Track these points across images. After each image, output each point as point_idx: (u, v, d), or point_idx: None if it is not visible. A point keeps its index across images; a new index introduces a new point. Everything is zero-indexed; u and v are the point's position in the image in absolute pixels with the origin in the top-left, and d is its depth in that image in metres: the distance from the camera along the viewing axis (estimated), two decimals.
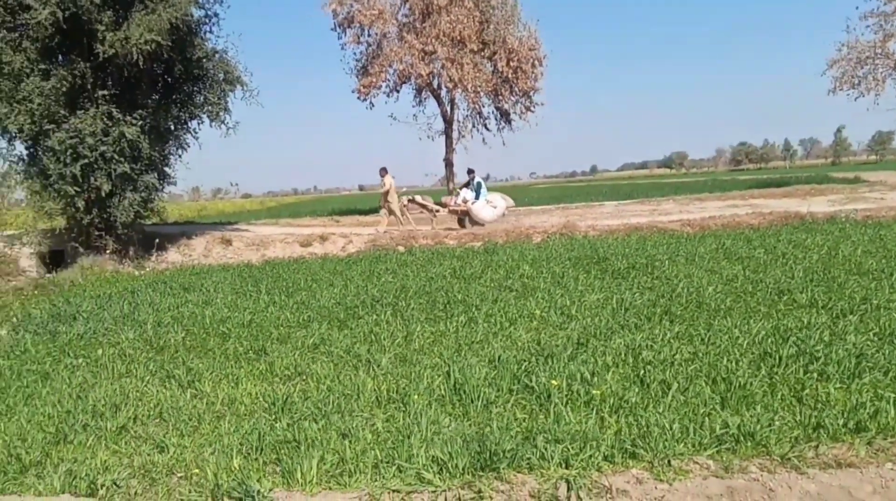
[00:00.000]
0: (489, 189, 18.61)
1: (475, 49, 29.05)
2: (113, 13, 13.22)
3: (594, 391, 4.67)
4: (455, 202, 18.76)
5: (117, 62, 13.41)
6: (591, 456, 3.73)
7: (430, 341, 6.70)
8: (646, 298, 7.92)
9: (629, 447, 3.83)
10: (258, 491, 3.61)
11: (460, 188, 19.05)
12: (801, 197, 22.98)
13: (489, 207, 18.08)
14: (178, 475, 4.08)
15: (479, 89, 29.50)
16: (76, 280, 12.22)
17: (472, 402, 4.78)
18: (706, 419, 4.17)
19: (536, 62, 30.70)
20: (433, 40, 28.62)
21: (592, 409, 4.47)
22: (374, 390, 5.26)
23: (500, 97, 31.27)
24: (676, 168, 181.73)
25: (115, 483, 3.94)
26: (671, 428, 4.01)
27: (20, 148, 14.21)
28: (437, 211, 19.07)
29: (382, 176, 18.72)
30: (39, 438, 4.62)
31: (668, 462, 3.68)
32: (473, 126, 32.75)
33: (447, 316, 7.68)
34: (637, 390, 4.76)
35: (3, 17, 12.74)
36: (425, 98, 32.98)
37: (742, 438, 3.88)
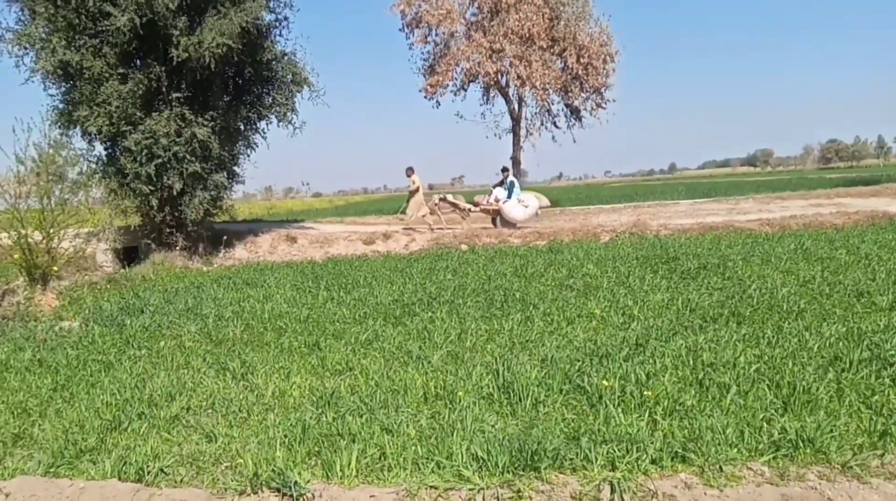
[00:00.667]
0: (526, 189, 18.30)
1: (544, 46, 28.83)
2: (187, 18, 13.68)
3: (647, 393, 4.51)
4: (487, 201, 18.62)
5: (191, 65, 13.87)
6: (637, 459, 3.58)
7: (483, 339, 6.64)
8: (714, 299, 7.66)
9: (679, 450, 3.66)
10: (295, 483, 3.62)
11: (494, 187, 18.85)
12: (892, 196, 21.76)
13: (520, 206, 17.83)
14: (224, 464, 4.15)
15: (547, 86, 29.25)
16: (147, 275, 12.69)
17: (520, 401, 4.68)
18: (764, 423, 3.95)
19: (608, 58, 30.25)
20: (501, 38, 28.58)
21: (645, 411, 4.31)
22: (422, 386, 5.23)
23: (570, 94, 30.94)
24: (761, 166, 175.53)
25: (162, 470, 4.04)
26: (724, 432, 3.82)
27: (99, 149, 14.93)
28: (469, 210, 18.96)
29: (409, 176, 18.75)
30: (97, 425, 4.78)
31: (720, 467, 3.50)
32: (542, 124, 32.52)
33: (503, 314, 7.61)
34: (694, 392, 4.57)
35: (86, 24, 13.35)
36: (493, 96, 32.96)
37: (801, 444, 3.65)
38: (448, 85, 30.82)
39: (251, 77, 15.84)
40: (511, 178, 18.26)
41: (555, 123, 32.53)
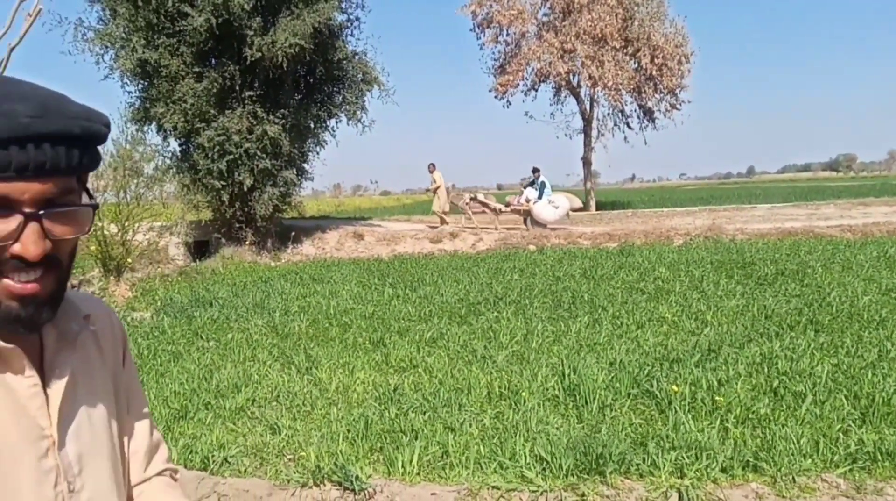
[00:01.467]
0: (556, 190, 17.92)
1: (617, 47, 28.45)
2: (261, 19, 14.05)
3: (718, 399, 4.36)
4: (518, 202, 18.43)
5: (263, 64, 14.23)
6: (707, 467, 3.46)
7: (549, 340, 6.57)
8: (791, 305, 7.39)
9: (751, 459, 3.53)
10: (357, 477, 3.65)
11: (524, 187, 18.62)
12: None
13: (550, 207, 17.53)
14: (287, 456, 4.22)
15: (620, 87, 28.83)
16: (217, 269, 13.08)
17: (587, 404, 4.60)
18: (841, 435, 3.77)
19: (683, 59, 29.65)
20: (573, 38, 28.36)
21: (716, 418, 4.17)
22: (487, 386, 5.21)
23: (644, 95, 30.44)
24: (843, 171, 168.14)
25: (226, 460, 4.13)
26: (799, 442, 3.66)
27: (174, 145, 15.50)
28: (500, 210, 18.80)
29: (431, 172, 18.62)
30: (165, 413, 4.94)
31: (793, 478, 3.35)
32: (615, 125, 32.08)
33: (571, 316, 7.53)
34: (767, 401, 4.41)
35: (164, 24, 13.88)
36: (564, 96, 32.72)
37: (879, 457, 3.47)
38: (518, 85, 30.77)
39: (322, 76, 16.14)
40: (542, 178, 18.08)
41: (628, 124, 32.04)
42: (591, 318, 7.35)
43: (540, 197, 17.75)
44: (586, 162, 32.33)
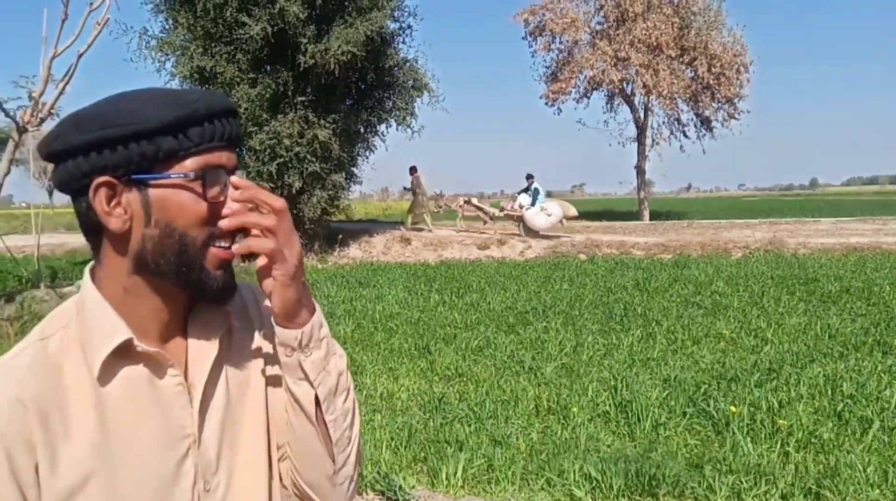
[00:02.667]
0: (559, 197, 17.70)
1: (673, 55, 28.13)
2: (315, 27, 14.26)
3: (780, 422, 4.18)
4: (511, 207, 18.35)
5: (316, 71, 14.43)
6: (766, 493, 3.31)
7: (600, 353, 6.44)
8: (857, 325, 7.12)
9: (813, 486, 3.36)
10: (400, 487, 3.59)
11: (518, 193, 18.58)
12: None
13: (543, 214, 17.41)
14: None
15: (675, 95, 28.44)
16: None
17: (639, 422, 4.47)
18: None
19: (742, 68, 29.13)
20: (627, 47, 28.14)
21: (776, 442, 4.00)
22: (534, 398, 5.12)
23: (701, 104, 30.00)
24: None
25: None
26: (865, 470, 3.47)
27: None
28: (494, 215, 18.86)
29: (412, 174, 18.66)
30: None
31: None
32: (671, 133, 31.61)
33: (623, 329, 7.38)
34: (831, 425, 4.22)
35: (222, 32, 14.22)
36: (617, 104, 32.42)
37: None
38: (571, 92, 30.64)
39: (373, 82, 16.27)
40: (535, 185, 18.09)
41: (684, 133, 31.56)
42: (644, 332, 7.19)
43: (533, 204, 17.79)
44: (640, 171, 31.91)
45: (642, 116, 31.58)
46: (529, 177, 18.45)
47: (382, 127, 17.12)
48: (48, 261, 14.21)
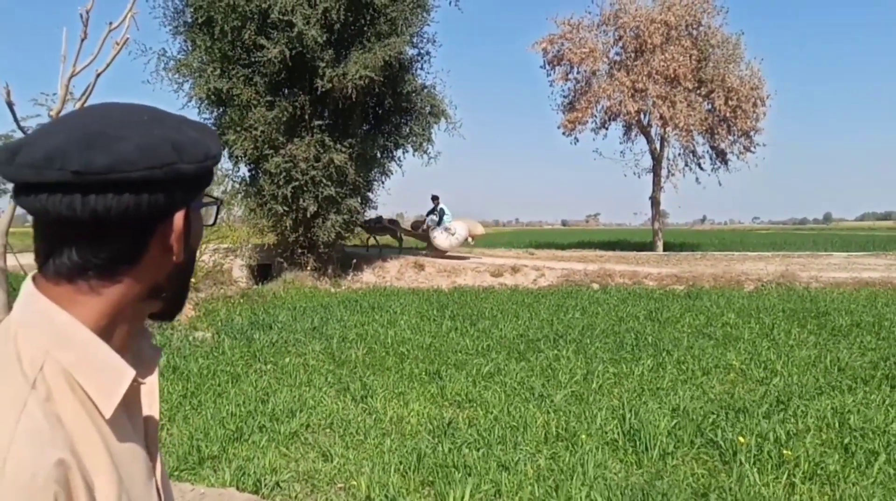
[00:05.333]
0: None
1: (690, 87, 28.26)
2: (334, 51, 14.47)
3: (786, 453, 4.20)
4: (421, 229, 19.01)
5: (333, 95, 14.62)
6: None
7: (610, 382, 6.47)
8: (866, 359, 7.13)
9: None
10: None
11: (427, 215, 19.16)
12: None
13: (446, 234, 18.13)
14: (339, 485, 4.24)
15: (692, 127, 28.54)
16: (278, 292, 13.35)
17: (647, 450, 4.49)
18: None
19: (758, 101, 29.21)
20: (644, 78, 28.30)
21: (783, 473, 4.01)
22: (543, 425, 5.14)
23: (717, 136, 30.05)
24: None
25: (277, 484, 4.18)
26: None
27: (243, 170, 16.00)
28: (401, 236, 19.42)
29: (435, 202, 19.02)
30: (220, 434, 5.02)
31: None
32: (686, 165, 31.66)
33: (633, 358, 7.40)
34: (838, 457, 4.22)
35: (240, 55, 14.46)
36: (634, 135, 32.54)
37: None
38: (588, 122, 30.78)
39: (390, 107, 16.47)
40: (441, 206, 18.66)
41: (699, 165, 31.60)
42: (655, 361, 7.21)
43: (439, 224, 18.38)
44: (655, 201, 31.90)
45: (658, 147, 31.65)
46: (435, 198, 18.93)
47: (399, 152, 17.32)
48: None
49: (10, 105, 9.86)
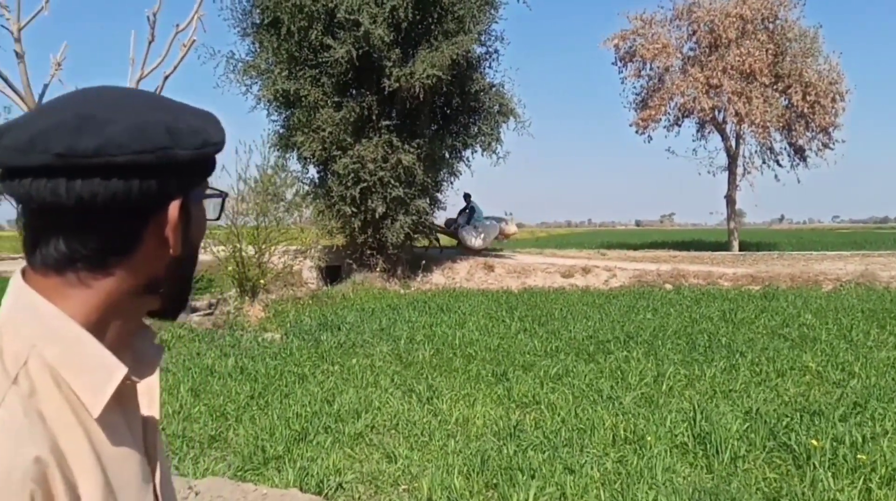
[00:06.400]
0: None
1: (766, 83, 27.36)
2: (401, 51, 14.60)
3: (861, 457, 4.02)
4: (451, 227, 19.02)
5: (401, 95, 14.76)
6: None
7: (681, 384, 6.34)
8: None
9: None
10: None
11: (459, 213, 19.20)
12: None
13: (475, 232, 18.31)
14: (402, 487, 4.28)
15: (768, 124, 27.61)
16: (347, 294, 13.55)
17: (717, 454, 4.38)
18: None
19: (837, 97, 28.07)
20: (719, 73, 27.54)
21: (858, 477, 3.85)
22: (611, 428, 5.06)
23: (794, 133, 29.00)
24: None
25: (341, 486, 4.24)
26: None
27: (312, 172, 16.32)
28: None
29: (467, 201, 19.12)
30: (286, 434, 5.14)
31: None
32: (763, 162, 30.67)
33: (706, 360, 7.23)
34: None
35: (307, 56, 14.73)
36: (708, 132, 31.73)
37: None
38: (661, 120, 30.17)
39: (458, 107, 16.50)
40: (472, 204, 18.81)
41: (777, 162, 30.56)
42: (728, 363, 7.04)
43: (468, 222, 18.54)
44: (730, 200, 31.00)
45: (734, 144, 30.77)
46: (467, 196, 18.97)
47: (467, 152, 17.34)
48: None
49: None
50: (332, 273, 16.04)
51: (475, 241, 18.49)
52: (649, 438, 4.66)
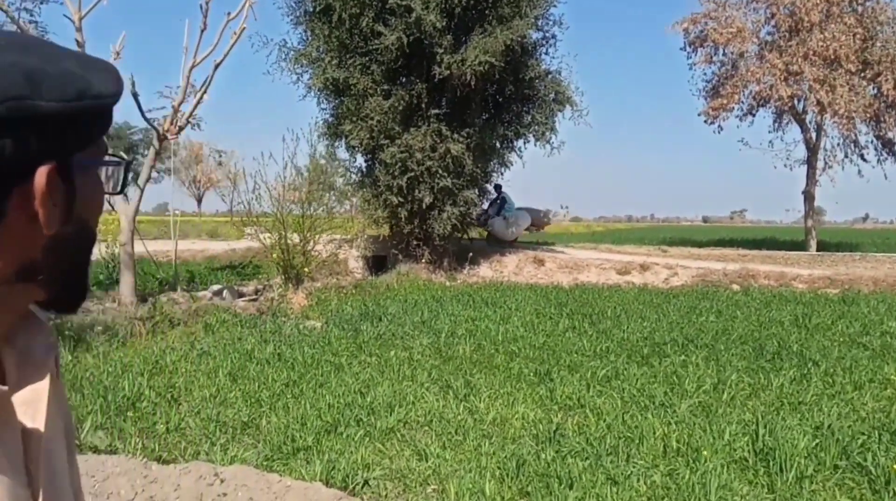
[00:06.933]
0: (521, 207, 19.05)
1: (853, 70, 26.15)
2: (452, 37, 14.44)
3: None
4: (481, 218, 18.88)
5: (451, 83, 14.60)
6: None
7: (744, 393, 5.99)
8: None
9: None
10: None
11: (489, 204, 19.04)
12: None
13: (504, 223, 18.51)
14: (431, 486, 4.11)
15: (854, 114, 26.44)
16: (391, 284, 13.49)
17: (781, 472, 4.06)
18: None
19: None
20: (800, 59, 26.44)
21: None
22: (662, 437, 4.79)
23: (883, 124, 27.71)
24: None
25: (366, 482, 4.10)
26: None
27: (360, 160, 16.33)
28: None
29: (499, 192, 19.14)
30: (316, 425, 5.02)
31: None
32: (846, 156, 29.47)
33: (773, 368, 6.84)
34: None
35: (357, 43, 14.72)
36: (786, 123, 30.62)
37: None
38: (733, 109, 29.23)
39: (511, 95, 16.24)
40: (503, 195, 18.73)
41: (862, 156, 29.29)
42: (799, 372, 6.62)
43: (498, 214, 18.48)
44: (808, 196, 29.89)
45: (814, 136, 29.63)
46: (498, 187, 18.85)
47: (520, 142, 17.09)
48: (188, 265, 15.25)
49: (135, 96, 10.52)
50: (377, 263, 16.04)
51: (506, 231, 18.51)
52: (705, 451, 4.36)
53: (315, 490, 3.95)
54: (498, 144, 16.55)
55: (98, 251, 13.30)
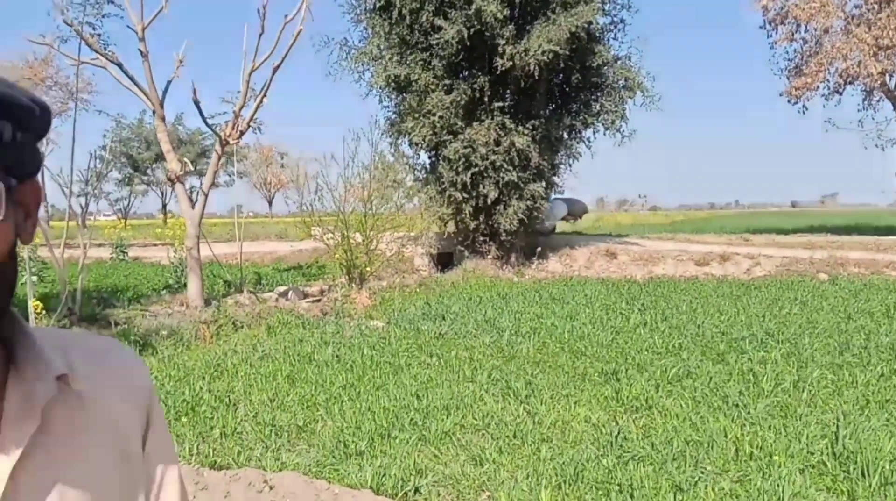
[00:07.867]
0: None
1: None
2: (514, 27, 14.28)
3: None
4: None
5: (514, 74, 14.45)
6: None
7: (826, 391, 5.66)
8: None
9: None
10: None
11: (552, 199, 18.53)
12: None
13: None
14: (486, 494, 4.00)
15: None
16: (457, 282, 13.44)
17: (863, 477, 3.79)
18: None
19: None
20: (891, 32, 25.09)
21: None
22: (734, 440, 4.55)
23: None
24: None
25: (417, 490, 4.02)
26: None
27: (423, 157, 16.33)
28: None
29: None
30: (370, 428, 4.98)
31: None
32: None
33: (860, 364, 6.47)
34: None
35: (418, 39, 14.73)
36: (876, 101, 29.17)
37: None
38: (818, 87, 28.02)
39: (578, 83, 15.95)
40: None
41: None
42: (889, 368, 6.22)
43: None
44: None
45: None
46: None
47: (588, 132, 16.77)
48: (256, 267, 15.56)
49: (196, 103, 10.77)
50: (444, 260, 16.02)
51: (543, 223, 18.11)
52: (776, 456, 4.12)
53: (364, 497, 3.90)
54: (565, 135, 16.30)
55: (166, 255, 13.71)
